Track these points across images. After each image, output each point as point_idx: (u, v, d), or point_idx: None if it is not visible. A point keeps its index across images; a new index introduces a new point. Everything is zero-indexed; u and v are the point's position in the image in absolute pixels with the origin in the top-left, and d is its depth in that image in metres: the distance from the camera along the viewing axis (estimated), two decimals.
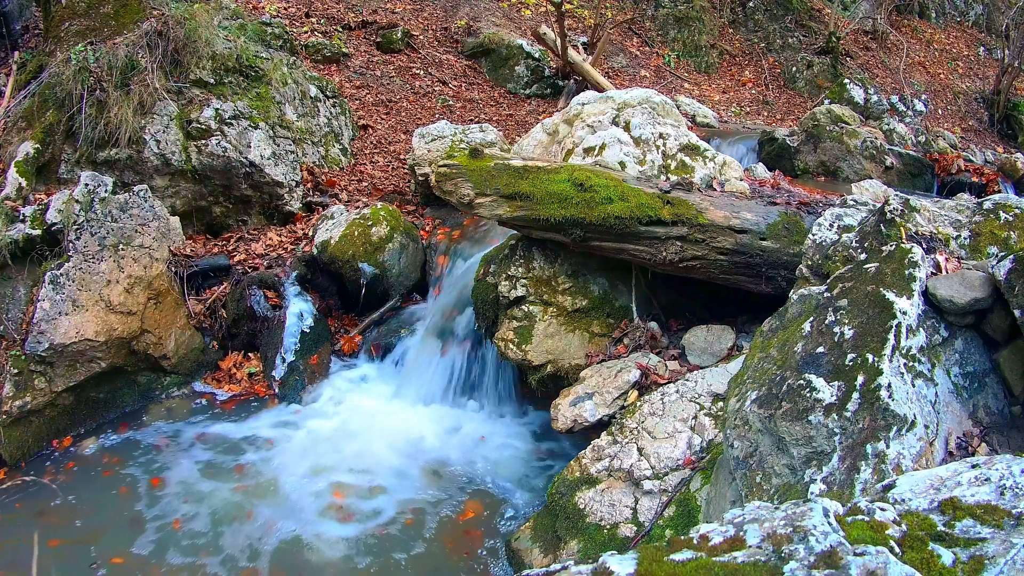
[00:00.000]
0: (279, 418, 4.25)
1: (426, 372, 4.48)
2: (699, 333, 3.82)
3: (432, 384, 4.44)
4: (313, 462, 3.86)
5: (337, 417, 4.27)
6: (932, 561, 1.12)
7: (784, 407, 2.00)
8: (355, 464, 3.84)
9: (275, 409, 4.34)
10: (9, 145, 4.74)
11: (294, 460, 3.87)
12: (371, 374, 4.69)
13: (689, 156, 4.60)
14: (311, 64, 7.31)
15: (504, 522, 3.50)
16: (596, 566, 1.19)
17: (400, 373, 4.59)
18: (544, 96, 8.55)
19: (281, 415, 4.29)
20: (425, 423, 4.23)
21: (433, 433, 4.16)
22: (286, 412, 4.32)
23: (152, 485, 3.67)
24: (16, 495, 3.57)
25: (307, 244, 5.13)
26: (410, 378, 4.51)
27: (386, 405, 4.40)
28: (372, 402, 4.43)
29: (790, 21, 10.94)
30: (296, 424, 4.19)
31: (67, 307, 3.94)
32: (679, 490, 2.81)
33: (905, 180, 6.98)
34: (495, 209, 3.73)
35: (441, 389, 4.43)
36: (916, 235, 2.42)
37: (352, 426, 4.18)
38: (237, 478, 3.72)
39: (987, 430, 2.00)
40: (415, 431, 4.16)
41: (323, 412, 4.33)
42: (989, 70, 11.43)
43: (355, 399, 4.46)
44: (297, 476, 3.73)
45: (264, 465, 3.83)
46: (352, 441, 4.03)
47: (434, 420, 4.26)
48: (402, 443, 4.05)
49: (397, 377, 4.58)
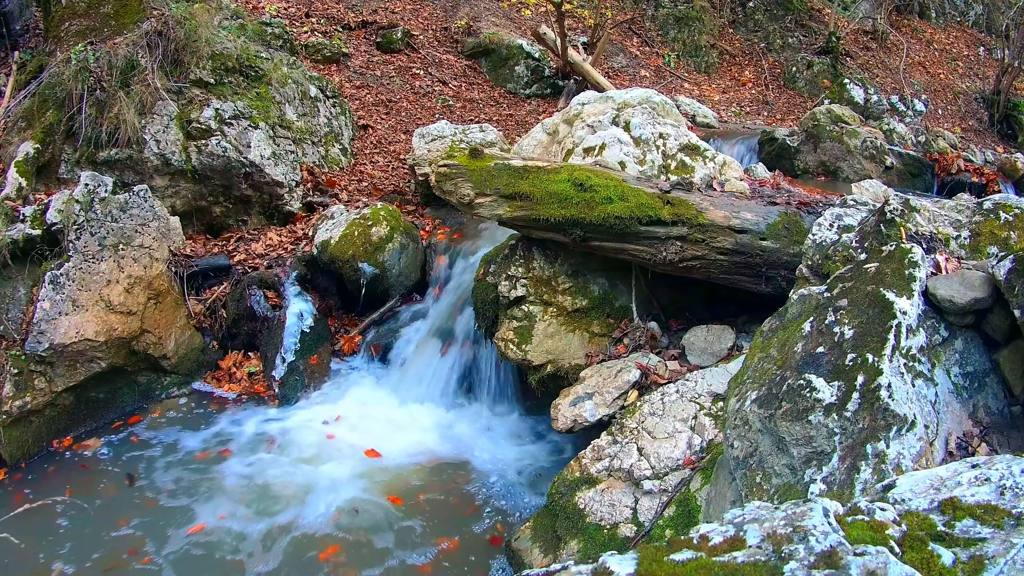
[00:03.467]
0: (279, 418, 4.25)
1: (426, 372, 4.48)
2: (699, 333, 3.82)
3: (432, 384, 4.44)
4: (312, 462, 3.86)
5: (336, 416, 4.27)
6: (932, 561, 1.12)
7: (784, 407, 2.00)
8: (354, 464, 3.84)
9: (275, 409, 4.34)
10: (9, 145, 4.74)
11: (294, 460, 3.87)
12: (371, 374, 4.69)
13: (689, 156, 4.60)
14: (311, 64, 7.31)
15: (504, 522, 3.50)
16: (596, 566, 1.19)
17: (400, 373, 4.59)
18: (544, 96, 8.55)
19: (281, 415, 4.29)
20: (425, 423, 4.23)
21: (432, 433, 4.16)
22: (286, 412, 4.32)
23: (152, 485, 3.67)
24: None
25: (307, 244, 5.13)
26: (410, 378, 4.51)
27: (386, 404, 4.40)
28: (372, 401, 4.43)
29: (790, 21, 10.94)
30: (296, 424, 4.19)
31: (67, 307, 3.94)
32: (679, 490, 2.81)
33: (905, 180, 6.98)
34: (495, 209, 3.73)
35: (441, 389, 4.43)
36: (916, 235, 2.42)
37: (352, 426, 4.18)
38: (237, 478, 3.72)
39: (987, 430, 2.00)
40: (415, 431, 4.16)
41: (323, 412, 4.33)
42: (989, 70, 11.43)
43: (355, 399, 4.46)
44: (297, 476, 3.73)
45: (264, 465, 3.83)
46: (351, 441, 4.03)
47: (433, 420, 4.26)
48: (402, 443, 4.05)
49: (397, 377, 4.58)
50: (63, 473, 3.77)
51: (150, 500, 3.56)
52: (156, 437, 4.08)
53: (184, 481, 3.70)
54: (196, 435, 4.10)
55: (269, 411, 4.33)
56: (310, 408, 4.37)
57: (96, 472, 3.78)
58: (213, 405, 4.39)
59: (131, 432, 4.12)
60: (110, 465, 3.84)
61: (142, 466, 3.82)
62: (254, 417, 4.27)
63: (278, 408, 4.36)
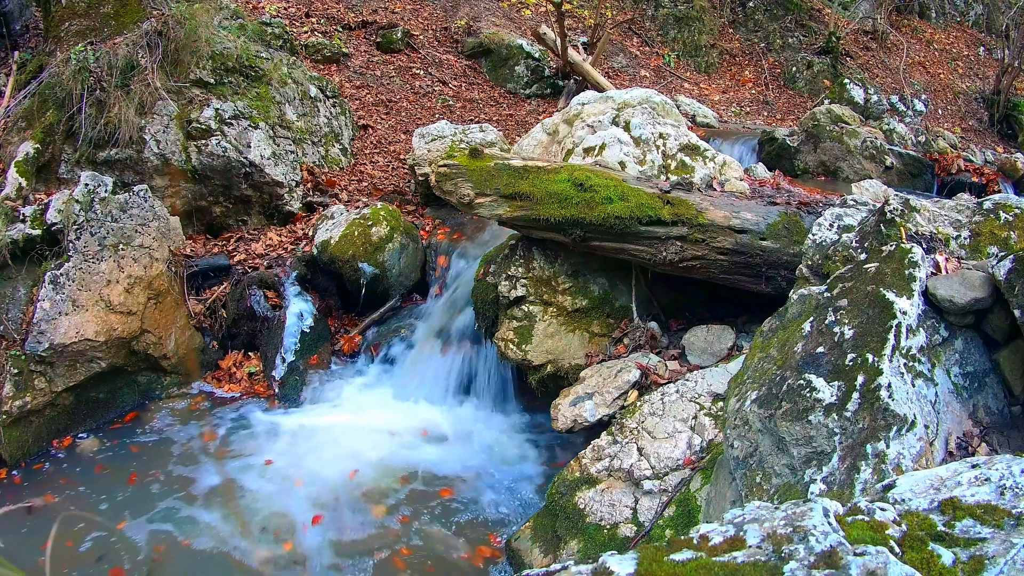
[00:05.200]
0: (279, 418, 4.25)
1: (426, 372, 4.48)
2: (699, 333, 3.82)
3: (432, 384, 4.44)
4: (312, 461, 3.85)
5: (337, 417, 4.27)
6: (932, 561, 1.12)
7: (784, 407, 2.00)
8: (354, 464, 3.84)
9: (275, 409, 4.34)
10: (9, 145, 4.74)
11: (294, 460, 3.87)
12: (371, 374, 4.68)
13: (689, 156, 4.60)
14: (311, 64, 7.31)
15: (504, 522, 3.50)
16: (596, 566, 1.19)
17: (400, 373, 4.59)
18: (544, 96, 8.55)
19: (281, 415, 4.29)
20: (424, 423, 4.23)
21: (432, 433, 4.16)
22: (286, 412, 4.32)
23: (151, 486, 3.67)
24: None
25: (307, 244, 5.13)
26: (410, 378, 4.51)
27: (386, 404, 4.40)
28: (372, 402, 4.43)
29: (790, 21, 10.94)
30: (295, 424, 4.19)
31: (67, 307, 3.94)
32: (679, 490, 2.81)
33: (905, 180, 6.98)
34: (495, 209, 3.73)
35: (441, 389, 4.43)
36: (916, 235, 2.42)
37: (351, 426, 4.17)
38: (237, 478, 3.72)
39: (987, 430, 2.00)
40: (414, 431, 4.16)
41: (323, 412, 4.33)
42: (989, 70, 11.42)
43: (355, 399, 4.46)
44: (296, 476, 3.73)
45: (264, 465, 3.83)
46: (351, 441, 4.03)
47: (433, 420, 4.26)
48: (401, 443, 4.05)
49: (397, 377, 4.58)
50: (63, 473, 3.76)
51: (149, 500, 3.56)
52: (156, 437, 4.08)
53: (185, 481, 3.70)
54: (196, 435, 4.09)
55: (269, 411, 4.33)
56: (310, 408, 4.37)
57: (96, 472, 3.77)
58: (213, 405, 4.39)
59: (131, 432, 4.12)
60: (110, 465, 3.83)
61: (142, 466, 3.82)
62: (254, 417, 4.26)
63: (278, 408, 4.36)
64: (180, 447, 3.99)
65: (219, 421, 4.23)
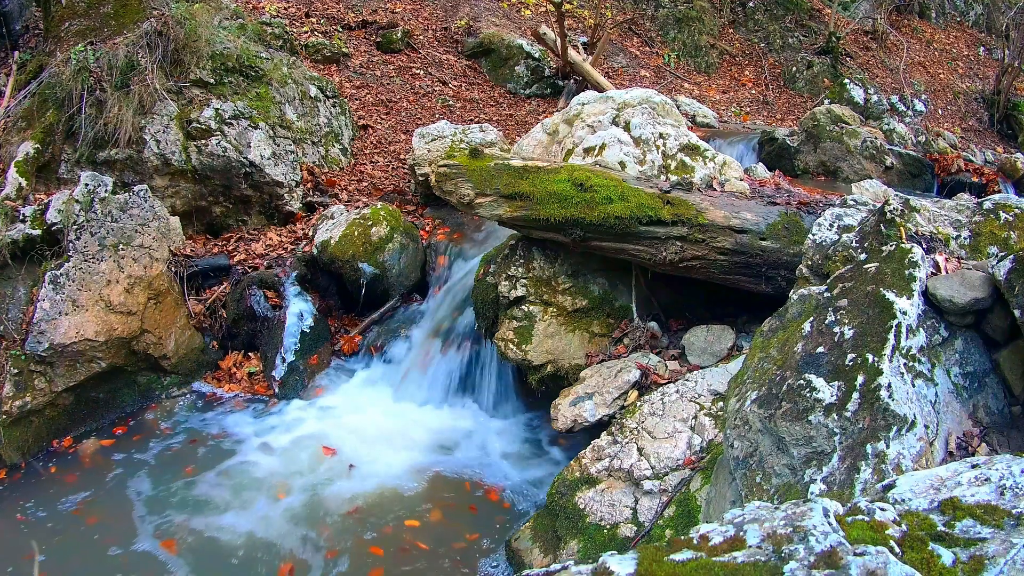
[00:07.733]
0: (279, 418, 4.25)
1: (426, 372, 4.48)
2: (699, 333, 3.82)
3: (432, 384, 4.44)
4: (312, 461, 3.86)
5: (336, 417, 4.27)
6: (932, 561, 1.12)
7: (784, 407, 2.00)
8: (354, 463, 3.84)
9: (275, 409, 4.34)
10: (9, 145, 4.74)
11: (293, 460, 3.87)
12: (371, 374, 4.68)
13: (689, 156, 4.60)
14: (311, 64, 7.31)
15: (504, 522, 3.50)
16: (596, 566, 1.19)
17: (400, 373, 4.59)
18: (544, 96, 8.55)
19: (281, 415, 4.29)
20: (424, 423, 4.23)
21: (432, 433, 4.16)
22: (286, 412, 4.31)
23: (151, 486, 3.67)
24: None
25: (307, 244, 5.13)
26: (410, 378, 4.51)
27: (386, 405, 4.40)
28: (372, 402, 4.43)
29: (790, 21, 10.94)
30: (295, 424, 4.19)
31: (67, 307, 3.94)
32: (679, 490, 2.81)
33: (905, 180, 6.98)
34: (495, 209, 3.73)
35: (441, 389, 4.43)
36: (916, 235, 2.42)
37: (351, 426, 4.17)
38: (237, 478, 3.72)
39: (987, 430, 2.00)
40: (414, 431, 4.16)
41: (323, 412, 4.33)
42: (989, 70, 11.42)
43: (355, 399, 4.46)
44: (296, 476, 3.73)
45: (263, 465, 3.83)
46: (351, 441, 4.03)
47: (433, 420, 4.26)
48: (401, 443, 4.05)
49: (397, 377, 4.58)
50: (63, 473, 3.76)
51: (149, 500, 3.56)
52: (155, 437, 4.08)
53: (184, 480, 3.70)
54: (196, 435, 4.09)
55: (269, 411, 4.33)
56: (310, 408, 4.37)
57: (96, 472, 3.77)
58: (213, 405, 4.39)
59: (131, 432, 4.12)
60: (109, 465, 3.83)
61: (142, 466, 3.82)
62: (254, 417, 4.27)
63: (278, 408, 4.36)
64: (180, 447, 3.99)
65: (219, 421, 4.23)
